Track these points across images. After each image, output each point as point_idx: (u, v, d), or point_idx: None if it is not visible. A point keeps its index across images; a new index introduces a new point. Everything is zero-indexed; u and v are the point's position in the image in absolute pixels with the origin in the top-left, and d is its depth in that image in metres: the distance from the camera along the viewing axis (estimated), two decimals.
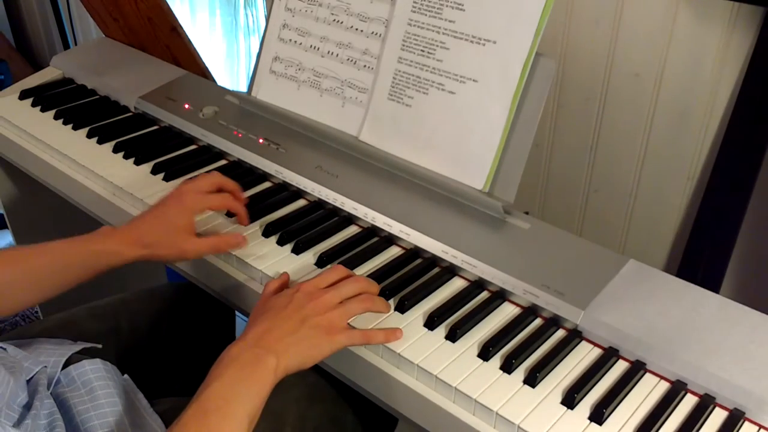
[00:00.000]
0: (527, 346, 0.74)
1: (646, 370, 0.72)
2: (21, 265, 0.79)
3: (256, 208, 0.94)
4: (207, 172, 1.04)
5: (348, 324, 0.74)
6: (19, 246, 0.81)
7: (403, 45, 0.95)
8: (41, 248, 0.80)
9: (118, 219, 1.02)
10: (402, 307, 0.78)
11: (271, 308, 0.71)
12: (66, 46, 2.53)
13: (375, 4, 0.98)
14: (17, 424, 0.65)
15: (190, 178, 0.90)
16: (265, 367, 0.65)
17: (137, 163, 1.08)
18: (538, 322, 0.78)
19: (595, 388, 0.70)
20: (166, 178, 1.04)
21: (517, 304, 0.81)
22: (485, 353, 0.73)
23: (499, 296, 0.81)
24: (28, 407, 0.68)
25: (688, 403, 0.69)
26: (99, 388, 0.74)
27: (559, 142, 1.38)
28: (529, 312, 0.79)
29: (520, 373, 0.71)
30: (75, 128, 1.18)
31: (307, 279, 0.76)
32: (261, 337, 0.67)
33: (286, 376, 0.67)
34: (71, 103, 1.26)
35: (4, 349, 0.74)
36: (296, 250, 0.88)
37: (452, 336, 0.75)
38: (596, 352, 0.74)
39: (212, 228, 0.91)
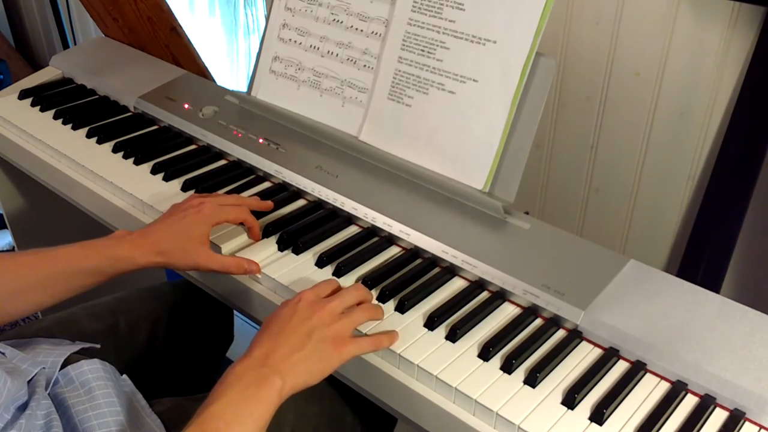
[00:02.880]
0: (527, 347, 0.73)
1: (647, 371, 0.72)
2: (35, 269, 0.78)
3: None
4: (207, 171, 1.05)
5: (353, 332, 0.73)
6: (33, 250, 0.80)
7: (403, 45, 0.95)
8: (55, 252, 0.79)
9: (118, 219, 1.02)
10: (402, 308, 0.78)
11: (276, 320, 0.69)
12: (65, 46, 2.53)
13: (375, 4, 0.98)
14: (9, 425, 0.65)
15: (207, 193, 0.90)
16: (269, 389, 0.63)
17: (137, 163, 1.07)
18: (538, 322, 0.78)
19: (595, 388, 0.70)
20: (166, 178, 1.04)
21: (518, 304, 0.80)
22: (485, 353, 0.73)
23: (499, 296, 0.81)
24: (23, 408, 0.68)
25: (689, 403, 0.69)
26: (97, 388, 0.74)
27: (559, 142, 1.38)
28: (530, 312, 0.79)
29: (520, 373, 0.71)
30: (74, 128, 1.18)
31: (307, 288, 0.74)
32: (267, 356, 0.65)
33: None
34: (71, 103, 1.26)
35: (3, 353, 0.74)
36: (296, 251, 0.88)
37: (452, 336, 0.75)
38: (597, 352, 0.74)
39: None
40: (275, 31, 1.08)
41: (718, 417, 0.67)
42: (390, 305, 0.80)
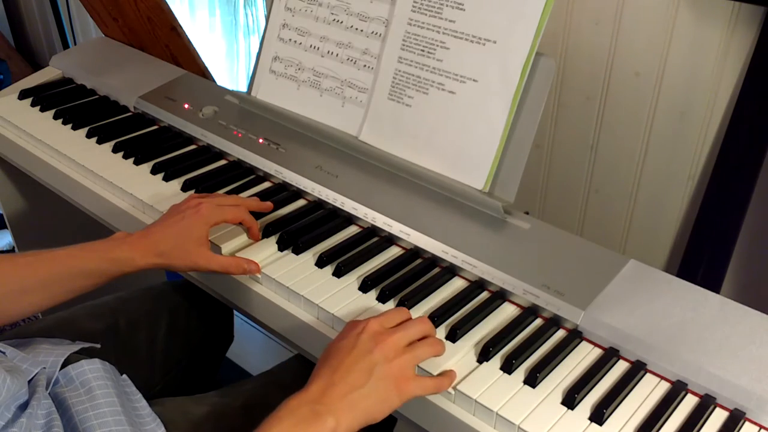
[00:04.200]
0: (527, 347, 0.73)
1: (647, 371, 0.72)
2: (35, 271, 0.78)
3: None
4: (207, 171, 1.05)
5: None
6: (32, 252, 0.80)
7: (403, 45, 0.95)
8: (56, 254, 0.79)
9: (118, 219, 1.02)
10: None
11: (338, 352, 0.66)
12: (65, 46, 2.53)
13: (375, 4, 0.98)
14: (11, 423, 0.65)
15: (205, 193, 0.90)
16: (320, 428, 0.60)
17: (137, 163, 1.07)
18: (538, 322, 0.78)
19: (595, 388, 0.70)
20: (166, 178, 1.04)
21: (517, 305, 0.80)
22: (485, 353, 0.73)
23: (499, 296, 0.81)
24: (24, 407, 0.68)
25: (689, 403, 0.69)
26: (97, 388, 0.74)
27: (559, 142, 1.38)
28: (530, 312, 0.79)
29: (520, 373, 0.71)
30: (74, 128, 1.18)
31: (373, 316, 0.70)
32: (324, 392, 0.62)
33: (282, 373, 0.66)
34: (71, 103, 1.26)
35: (4, 353, 0.74)
36: (296, 251, 0.88)
37: (452, 336, 0.75)
38: (596, 352, 0.74)
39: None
40: (275, 31, 1.08)
41: (718, 417, 0.67)
42: (390, 305, 0.80)
